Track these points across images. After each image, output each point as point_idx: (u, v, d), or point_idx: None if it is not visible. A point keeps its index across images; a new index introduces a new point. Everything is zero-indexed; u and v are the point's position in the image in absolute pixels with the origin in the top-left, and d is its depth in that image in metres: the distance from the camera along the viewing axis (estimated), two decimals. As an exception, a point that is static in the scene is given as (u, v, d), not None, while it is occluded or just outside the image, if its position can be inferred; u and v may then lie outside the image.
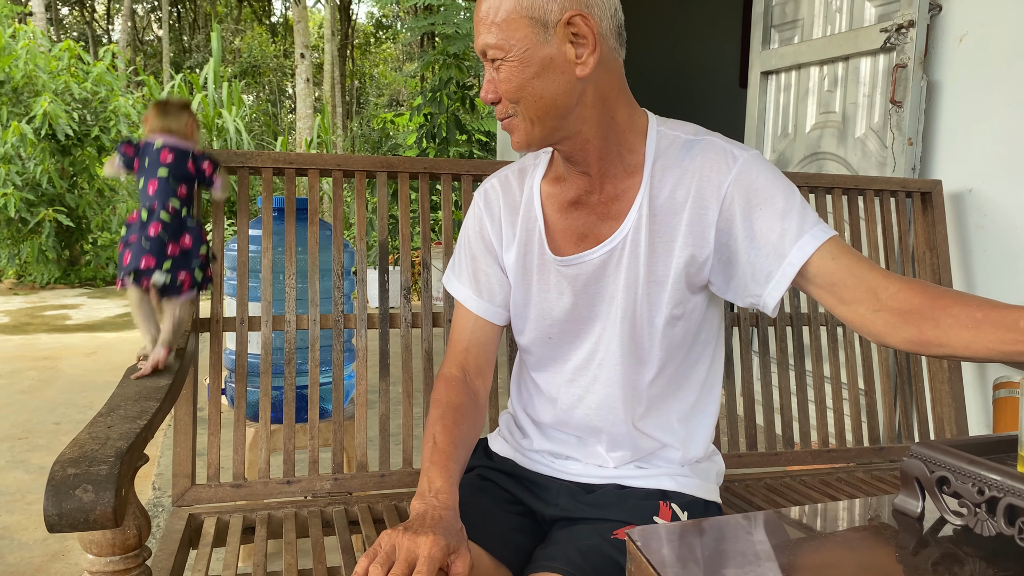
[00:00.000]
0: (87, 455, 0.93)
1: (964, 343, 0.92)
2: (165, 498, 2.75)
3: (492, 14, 1.02)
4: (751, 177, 1.06)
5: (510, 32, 1.01)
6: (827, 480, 1.73)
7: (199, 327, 1.59)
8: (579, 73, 1.02)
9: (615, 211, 1.12)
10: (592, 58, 1.01)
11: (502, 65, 1.03)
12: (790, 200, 1.05)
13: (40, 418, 3.69)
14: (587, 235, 1.14)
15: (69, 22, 21.61)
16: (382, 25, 20.68)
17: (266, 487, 1.55)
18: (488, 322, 1.23)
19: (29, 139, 7.74)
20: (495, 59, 1.03)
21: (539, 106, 1.03)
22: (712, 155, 1.08)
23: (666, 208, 1.09)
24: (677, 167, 1.09)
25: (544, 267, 1.17)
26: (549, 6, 1.00)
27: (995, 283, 2.06)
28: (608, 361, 1.15)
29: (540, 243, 1.17)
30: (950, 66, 2.22)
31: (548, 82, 1.02)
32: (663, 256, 1.10)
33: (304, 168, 1.67)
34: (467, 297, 1.24)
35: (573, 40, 1.01)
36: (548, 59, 1.01)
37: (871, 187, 1.97)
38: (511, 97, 1.04)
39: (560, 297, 1.16)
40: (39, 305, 7.26)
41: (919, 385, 1.95)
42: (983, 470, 0.73)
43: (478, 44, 1.04)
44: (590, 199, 1.13)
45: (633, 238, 1.10)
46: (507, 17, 1.01)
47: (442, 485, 1.02)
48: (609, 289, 1.13)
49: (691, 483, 1.18)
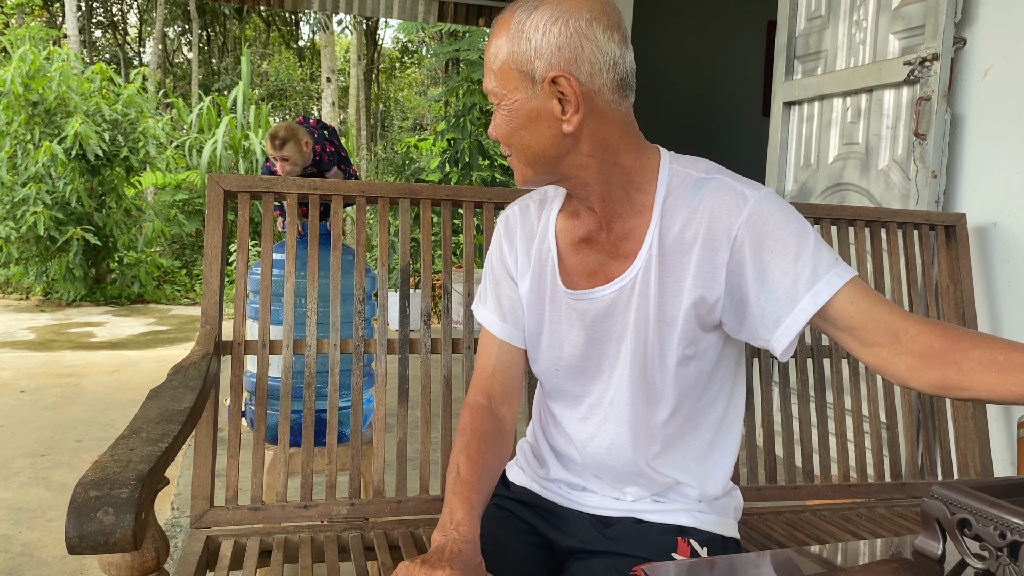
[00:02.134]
0: (109, 478, 0.95)
1: (988, 387, 0.91)
2: (183, 518, 2.76)
3: (491, 60, 1.05)
4: (762, 219, 1.04)
5: (503, 81, 1.04)
6: (847, 516, 1.71)
7: (221, 349, 1.61)
8: (565, 129, 1.03)
9: (624, 250, 1.12)
10: (576, 117, 1.02)
11: (497, 110, 1.06)
12: (803, 242, 1.03)
13: (63, 435, 3.73)
14: (597, 272, 1.14)
15: (102, 44, 22.07)
16: (408, 50, 20.93)
17: (283, 511, 1.56)
18: (513, 347, 1.23)
19: (60, 159, 7.88)
20: (493, 103, 1.06)
21: (528, 154, 1.06)
22: (723, 195, 1.06)
23: (675, 247, 1.08)
24: (687, 206, 1.07)
25: (556, 299, 1.17)
26: (536, 62, 1.00)
27: (1020, 318, 2.04)
28: (619, 401, 1.14)
29: (553, 275, 1.17)
30: (975, 99, 2.22)
31: (535, 134, 1.04)
32: (672, 296, 1.09)
33: (328, 195, 1.69)
34: (491, 322, 1.24)
35: (560, 97, 1.01)
36: (535, 112, 1.03)
37: (894, 219, 1.96)
38: (503, 141, 1.08)
39: (570, 330, 1.16)
40: (64, 322, 7.35)
41: (943, 420, 1.92)
42: (1005, 513, 0.72)
43: (484, 85, 1.08)
44: (599, 237, 1.14)
45: (643, 277, 1.09)
46: (501, 67, 1.03)
47: (463, 517, 1.01)
48: (618, 328, 1.13)
49: (709, 519, 1.17)
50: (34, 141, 8.05)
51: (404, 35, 18.17)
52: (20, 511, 2.81)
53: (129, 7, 21.81)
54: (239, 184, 1.64)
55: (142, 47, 22.60)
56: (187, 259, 10.40)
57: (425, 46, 19.09)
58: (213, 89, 17.98)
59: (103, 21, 21.96)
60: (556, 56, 1.00)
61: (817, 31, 2.87)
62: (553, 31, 0.99)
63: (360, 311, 1.68)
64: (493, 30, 1.06)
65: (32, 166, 7.97)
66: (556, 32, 0.99)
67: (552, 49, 0.99)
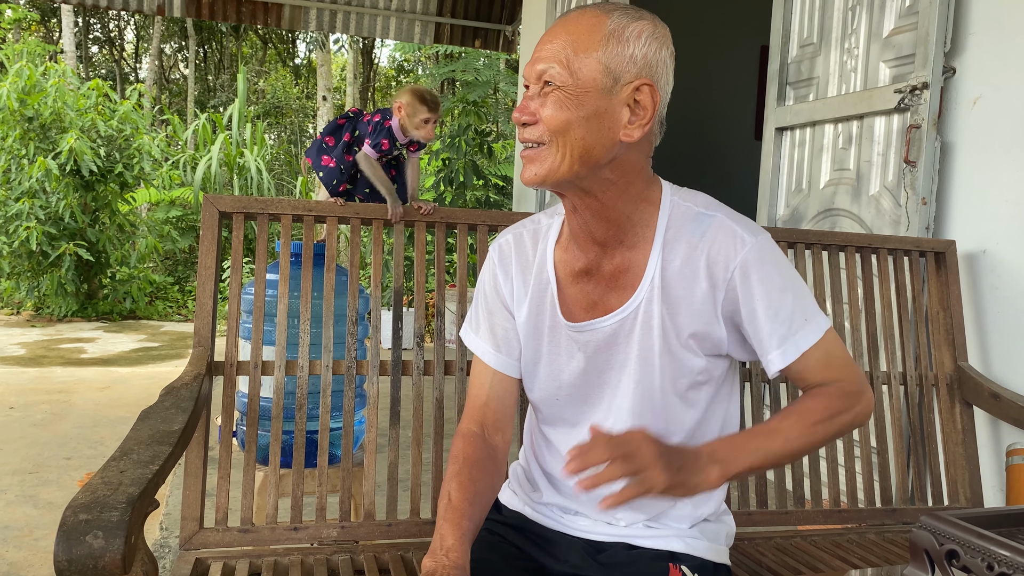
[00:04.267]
0: (99, 501, 0.94)
1: None
2: (172, 539, 2.74)
3: (571, 46, 1.03)
4: (754, 266, 1.08)
5: (583, 69, 1.02)
6: (838, 541, 1.71)
7: (213, 370, 1.60)
8: (623, 137, 1.04)
9: (624, 282, 1.13)
10: (640, 131, 1.04)
11: (556, 93, 1.03)
12: (783, 298, 1.08)
13: (51, 452, 3.70)
14: (597, 303, 1.15)
15: (98, 60, 22.13)
16: (403, 69, 21.05)
17: (273, 533, 1.55)
18: (507, 376, 1.24)
19: (54, 174, 7.88)
20: (551, 84, 1.03)
21: (578, 147, 1.03)
22: (722, 236, 1.09)
23: (677, 281, 1.10)
24: (687, 241, 1.10)
25: (555, 330, 1.18)
26: (628, 65, 1.03)
27: (1009, 345, 2.05)
28: (618, 428, 1.14)
29: (552, 306, 1.18)
30: (964, 128, 2.24)
31: (591, 130, 1.03)
32: (675, 327, 1.11)
33: (323, 215, 1.70)
34: (485, 351, 1.24)
35: (632, 106, 1.04)
36: (602, 110, 1.03)
37: (885, 246, 1.98)
38: (553, 126, 1.03)
39: (570, 360, 1.17)
40: (55, 338, 7.32)
41: (932, 446, 1.93)
42: (993, 545, 0.73)
43: (535, 67, 1.04)
44: (599, 268, 1.14)
45: (646, 308, 1.11)
46: (587, 56, 1.02)
47: (453, 543, 1.02)
48: (619, 358, 1.14)
49: (701, 545, 1.17)
50: (28, 156, 8.05)
51: (400, 54, 18.28)
52: (7, 529, 2.78)
53: (126, 24, 21.89)
54: (234, 205, 1.64)
55: (138, 63, 22.68)
56: (180, 275, 10.38)
57: (421, 65, 19.21)
58: (209, 106, 18.02)
59: (100, 37, 22.04)
60: (648, 69, 1.04)
61: (809, 58, 2.90)
62: (652, 46, 1.04)
63: (353, 332, 1.69)
64: (568, 22, 1.05)
65: (26, 181, 7.96)
66: (655, 49, 1.04)
67: (648, 61, 1.04)
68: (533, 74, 1.05)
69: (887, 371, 1.94)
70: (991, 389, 1.90)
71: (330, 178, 1.91)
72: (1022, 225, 2.05)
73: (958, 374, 1.98)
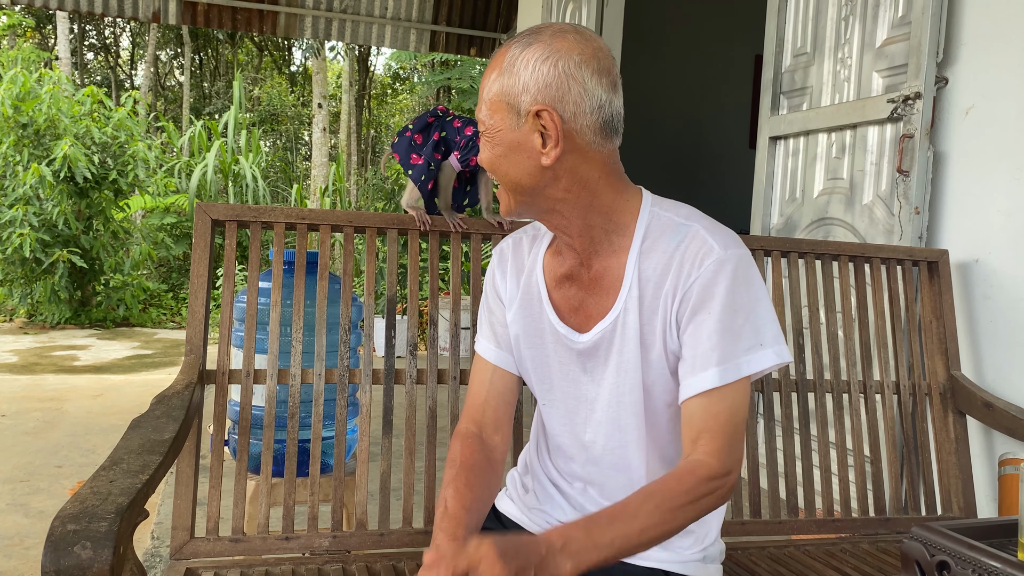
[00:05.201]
0: (87, 511, 0.94)
1: None
2: (163, 548, 2.72)
3: (485, 92, 1.09)
4: (714, 280, 1.05)
5: (492, 111, 1.08)
6: (831, 551, 1.71)
7: (205, 378, 1.60)
8: (543, 162, 1.06)
9: (601, 287, 1.14)
10: (555, 152, 1.05)
11: (484, 136, 1.10)
12: (733, 319, 1.05)
13: (42, 460, 3.68)
14: (579, 309, 1.17)
15: (93, 66, 22.11)
16: (399, 77, 21.07)
17: (264, 542, 1.54)
18: (507, 372, 1.26)
19: (48, 181, 7.86)
20: (481, 131, 1.11)
21: (507, 182, 1.11)
22: (694, 246, 1.07)
23: (653, 292, 1.10)
24: (663, 250, 1.09)
25: (544, 335, 1.20)
26: (523, 96, 1.05)
27: (1002, 354, 2.06)
28: (611, 443, 1.17)
29: (540, 308, 1.20)
30: (957, 137, 2.25)
31: (513, 164, 1.08)
32: (652, 340, 1.11)
33: (316, 224, 1.69)
34: (485, 348, 1.27)
35: (541, 131, 1.05)
36: (516, 143, 1.07)
37: (878, 255, 1.98)
38: (487, 169, 1.12)
39: (560, 365, 1.19)
40: (48, 345, 7.29)
41: (926, 456, 1.93)
42: (983, 556, 0.73)
43: (476, 114, 1.14)
44: (580, 275, 1.16)
45: (623, 319, 1.11)
46: (492, 98, 1.08)
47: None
48: (600, 367, 1.15)
49: (694, 564, 1.18)
50: (22, 163, 8.03)
51: (396, 62, 18.30)
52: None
53: (122, 30, 21.89)
54: (226, 213, 1.64)
55: (134, 70, 22.67)
56: (174, 282, 10.35)
57: (417, 73, 19.24)
58: (204, 113, 18.02)
59: (95, 44, 22.02)
60: (542, 92, 1.04)
61: (803, 67, 2.91)
62: (543, 69, 1.04)
63: (346, 340, 1.68)
64: (490, 63, 1.10)
65: (20, 188, 7.94)
66: (545, 70, 1.04)
67: (539, 85, 1.04)
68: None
69: (880, 380, 1.94)
70: (984, 398, 1.90)
71: (419, 175, 1.92)
72: (1014, 234, 2.06)
73: (951, 383, 1.98)
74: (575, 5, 4.68)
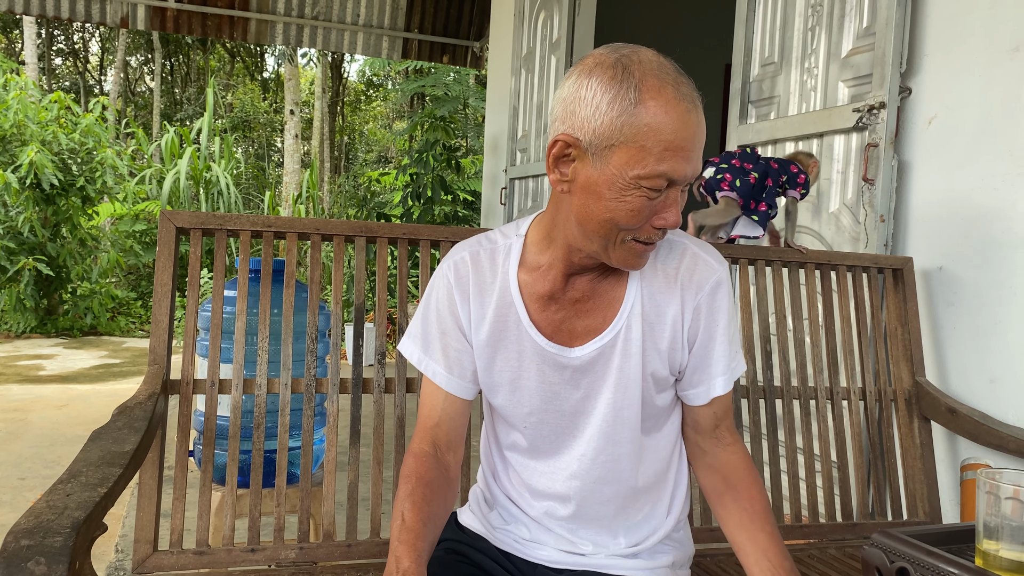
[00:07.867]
0: (42, 525, 0.92)
1: (736, 543, 1.16)
2: (128, 561, 2.67)
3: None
4: (720, 291, 1.16)
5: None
6: (799, 557, 1.72)
7: (169, 388, 1.57)
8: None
9: (596, 304, 1.14)
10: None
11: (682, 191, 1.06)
12: (732, 327, 1.18)
13: (5, 472, 3.61)
14: (561, 327, 1.15)
15: (62, 71, 21.82)
16: (373, 84, 21.01)
17: (229, 555, 1.52)
18: (459, 398, 1.21)
19: (13, 188, 7.73)
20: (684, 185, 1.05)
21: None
22: (698, 267, 1.15)
23: (657, 309, 1.13)
24: (662, 268, 1.15)
25: (525, 354, 1.16)
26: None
27: (965, 360, 2.08)
28: (588, 456, 1.17)
29: (518, 330, 1.16)
30: (920, 146, 2.28)
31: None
32: (655, 353, 1.14)
33: (283, 231, 1.68)
34: (437, 373, 1.20)
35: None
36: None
37: (844, 263, 2.00)
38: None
39: (541, 386, 1.16)
40: (13, 354, 7.15)
41: (892, 461, 1.95)
42: (941, 563, 0.73)
43: (687, 170, 1.03)
44: (564, 294, 1.14)
45: (625, 336, 1.12)
46: None
47: (409, 565, 1.01)
48: (596, 384, 1.15)
49: (664, 570, 1.19)
50: (-13, 169, 7.90)
51: (370, 69, 18.25)
52: (-44, 553, 2.70)
53: (91, 35, 21.63)
54: (191, 221, 1.62)
55: (103, 76, 22.38)
56: (143, 290, 10.21)
57: (390, 80, 19.20)
58: (175, 119, 17.84)
59: (64, 49, 21.74)
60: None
61: (770, 77, 2.94)
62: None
63: (312, 349, 1.66)
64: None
65: (-16, 194, 7.81)
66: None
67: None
68: (682, 177, 1.03)
69: (847, 387, 1.96)
70: (948, 404, 1.93)
71: (765, 220, 2.03)
72: (977, 242, 2.09)
73: (916, 389, 2.00)
74: (547, 13, 4.70)
